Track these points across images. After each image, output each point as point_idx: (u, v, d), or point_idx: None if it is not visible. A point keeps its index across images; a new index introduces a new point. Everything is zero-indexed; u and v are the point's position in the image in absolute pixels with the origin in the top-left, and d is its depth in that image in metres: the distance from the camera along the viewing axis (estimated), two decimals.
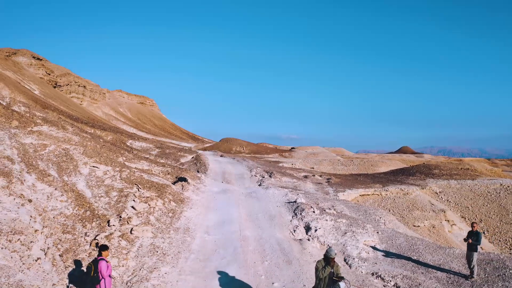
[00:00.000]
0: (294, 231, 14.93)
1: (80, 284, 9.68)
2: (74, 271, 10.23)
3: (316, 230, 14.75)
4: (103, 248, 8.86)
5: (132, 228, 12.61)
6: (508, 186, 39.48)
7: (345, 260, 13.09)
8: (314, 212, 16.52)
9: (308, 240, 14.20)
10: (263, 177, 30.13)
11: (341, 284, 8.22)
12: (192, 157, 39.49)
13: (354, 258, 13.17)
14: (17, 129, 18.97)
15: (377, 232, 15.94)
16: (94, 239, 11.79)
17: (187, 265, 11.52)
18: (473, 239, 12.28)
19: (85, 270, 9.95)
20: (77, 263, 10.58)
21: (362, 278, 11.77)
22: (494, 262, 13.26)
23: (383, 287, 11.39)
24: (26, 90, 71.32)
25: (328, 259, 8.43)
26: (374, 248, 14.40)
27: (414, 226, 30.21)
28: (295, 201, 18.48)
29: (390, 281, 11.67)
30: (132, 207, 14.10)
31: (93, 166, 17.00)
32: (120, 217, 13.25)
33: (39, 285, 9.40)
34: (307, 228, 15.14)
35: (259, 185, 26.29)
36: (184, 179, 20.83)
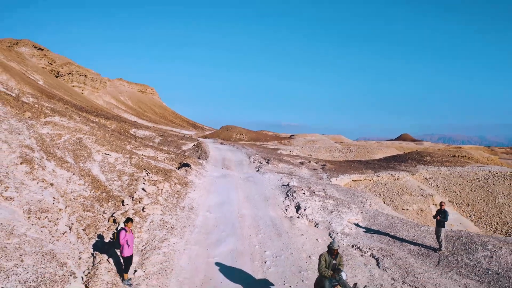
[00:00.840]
0: (286, 210, 16.90)
1: (103, 252, 11.51)
2: (96, 242, 12.04)
3: (305, 209, 16.69)
4: (127, 220, 10.67)
5: (143, 207, 14.51)
6: (497, 173, 41.16)
7: (329, 234, 14.96)
8: (304, 193, 18.45)
9: (298, 217, 16.16)
10: (261, 163, 31.90)
11: (343, 274, 8.43)
12: (194, 145, 41.25)
13: (337, 233, 15.04)
14: (32, 120, 20.62)
15: (361, 212, 17.80)
16: (111, 216, 13.64)
17: (192, 237, 13.49)
18: (441, 216, 13.89)
19: (109, 238, 11.91)
20: (99, 235, 12.39)
21: (343, 249, 13.61)
22: (463, 238, 14.87)
23: (360, 256, 13.20)
24: (31, 80, 72.71)
25: (331, 250, 8.65)
26: (356, 225, 16.27)
27: (403, 209, 32.08)
28: (288, 185, 20.40)
29: (367, 252, 13.48)
30: (143, 189, 16.00)
31: (105, 154, 18.80)
32: (133, 197, 15.12)
33: (68, 253, 11.15)
34: (298, 208, 17.10)
35: (256, 170, 28.09)
36: (187, 165, 22.69)
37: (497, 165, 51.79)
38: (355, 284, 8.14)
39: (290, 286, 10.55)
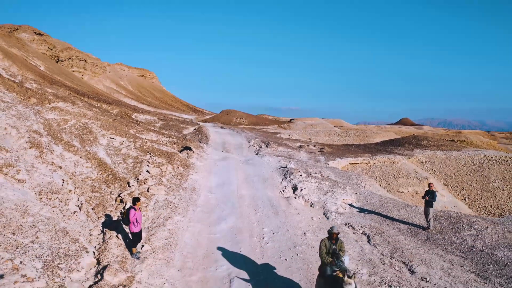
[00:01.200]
0: (283, 190, 17.79)
1: (112, 229, 12.34)
2: (105, 220, 12.87)
3: (301, 190, 17.55)
4: (136, 199, 11.46)
5: (148, 188, 15.33)
6: (492, 157, 41.90)
7: (324, 213, 15.81)
8: (301, 175, 19.28)
9: (295, 198, 17.05)
10: (260, 147, 32.68)
11: (344, 259, 8.39)
12: (194, 129, 41.99)
13: (332, 213, 15.88)
14: (38, 106, 21.24)
15: (356, 193, 18.62)
16: (118, 196, 14.45)
17: (195, 215, 14.38)
18: (429, 196, 14.61)
19: (117, 216, 12.74)
20: (107, 214, 13.20)
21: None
22: (451, 218, 15.61)
23: (352, 234, 14.04)
24: (32, 66, 72.97)
25: (331, 235, 8.66)
26: (350, 205, 17.10)
27: (398, 192, 32.96)
28: (285, 167, 21.24)
29: (359, 229, 14.30)
30: (147, 171, 16.82)
31: (110, 138, 19.55)
32: (138, 179, 15.93)
33: (79, 230, 11.96)
34: (294, 188, 17.97)
35: (256, 154, 28.89)
36: (189, 148, 23.49)
37: (494, 150, 52.50)
38: (345, 271, 8.37)
39: (286, 259, 11.43)
